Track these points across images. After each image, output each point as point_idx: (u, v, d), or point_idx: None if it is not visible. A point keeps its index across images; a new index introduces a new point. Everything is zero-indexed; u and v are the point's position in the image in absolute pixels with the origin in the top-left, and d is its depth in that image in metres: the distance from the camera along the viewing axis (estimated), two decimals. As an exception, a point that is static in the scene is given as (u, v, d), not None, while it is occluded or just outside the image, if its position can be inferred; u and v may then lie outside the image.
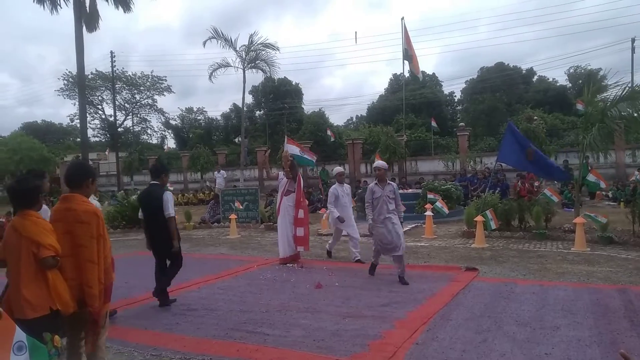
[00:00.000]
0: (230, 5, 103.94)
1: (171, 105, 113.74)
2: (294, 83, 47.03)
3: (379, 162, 7.03)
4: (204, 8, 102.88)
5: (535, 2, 60.05)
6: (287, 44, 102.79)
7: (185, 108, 55.24)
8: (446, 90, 48.54)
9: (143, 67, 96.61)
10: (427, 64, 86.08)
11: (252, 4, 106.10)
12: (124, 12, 23.24)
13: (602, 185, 10.79)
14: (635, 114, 9.45)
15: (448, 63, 74.82)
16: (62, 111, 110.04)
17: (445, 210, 12.14)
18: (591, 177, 10.55)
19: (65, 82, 44.42)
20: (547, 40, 64.46)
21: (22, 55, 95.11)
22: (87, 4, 22.15)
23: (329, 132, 31.31)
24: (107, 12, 60.02)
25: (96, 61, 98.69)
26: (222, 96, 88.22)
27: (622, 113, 9.49)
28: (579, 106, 9.45)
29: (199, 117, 54.59)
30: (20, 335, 2.52)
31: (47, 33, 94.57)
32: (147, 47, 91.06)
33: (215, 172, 23.45)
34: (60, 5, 22.33)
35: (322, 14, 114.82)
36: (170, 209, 5.71)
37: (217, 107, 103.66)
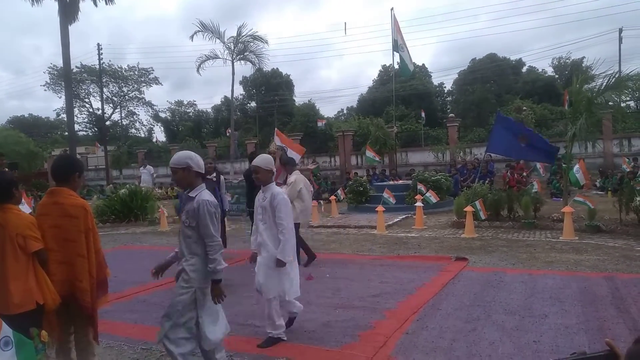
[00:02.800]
0: None
1: (167, 97, 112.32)
2: (284, 74, 46.87)
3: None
4: None
5: None
6: (287, 35, 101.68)
7: (175, 101, 54.85)
8: (441, 80, 48.74)
9: (140, 58, 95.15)
10: (424, 54, 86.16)
11: None
12: (106, 3, 22.89)
13: (580, 180, 10.68)
14: (623, 103, 9.55)
15: (445, 53, 74.93)
16: (54, 105, 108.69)
17: (434, 199, 12.20)
18: (576, 169, 10.56)
19: (51, 75, 43.84)
20: (544, 29, 64.78)
21: (16, 47, 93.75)
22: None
23: (319, 123, 31.36)
24: (91, 4, 59.06)
25: (91, 52, 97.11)
26: (219, 88, 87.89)
27: (610, 103, 9.57)
28: (564, 100, 9.49)
29: (188, 110, 54.24)
30: (6, 330, 2.50)
31: (41, 25, 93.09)
32: (145, 37, 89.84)
33: (141, 168, 19.89)
34: None
35: (325, 5, 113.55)
36: None
37: (213, 99, 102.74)
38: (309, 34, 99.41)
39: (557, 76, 43.57)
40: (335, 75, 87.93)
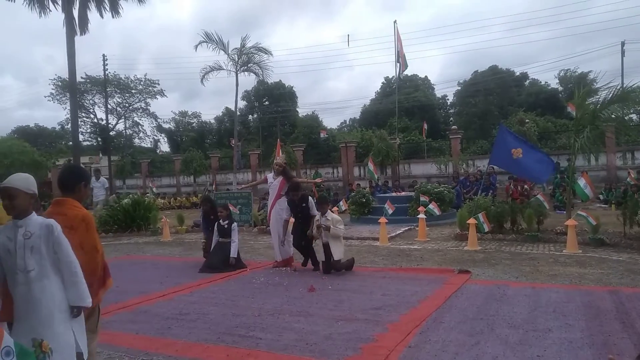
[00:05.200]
0: (244, 7, 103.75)
1: (177, 107, 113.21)
2: (287, 86, 47.14)
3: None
4: (217, 9, 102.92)
5: (547, 3, 60.74)
6: (299, 45, 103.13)
7: (179, 112, 55.24)
8: (444, 92, 49.04)
9: (151, 69, 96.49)
10: (433, 66, 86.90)
11: (267, 6, 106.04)
12: (112, 16, 23.14)
13: (589, 193, 10.43)
14: (626, 117, 9.55)
15: (454, 65, 75.76)
16: (62, 114, 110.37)
17: (437, 211, 12.19)
18: (581, 182, 10.44)
19: (55, 87, 44.19)
20: (553, 41, 65.32)
21: (29, 57, 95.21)
22: (77, 8, 22.04)
23: (322, 134, 31.54)
24: (97, 15, 59.90)
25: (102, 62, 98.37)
26: (227, 98, 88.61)
27: (613, 115, 9.57)
28: (570, 109, 9.55)
29: (192, 121, 54.56)
30: (7, 340, 2.49)
31: (56, 35, 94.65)
32: (158, 48, 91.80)
33: (93, 180, 16.67)
34: (49, 9, 22.22)
35: (338, 17, 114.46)
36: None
37: (220, 110, 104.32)
38: (319, 45, 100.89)
39: (561, 88, 43.66)
40: (343, 86, 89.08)
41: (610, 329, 4.40)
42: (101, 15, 22.96)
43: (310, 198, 8.09)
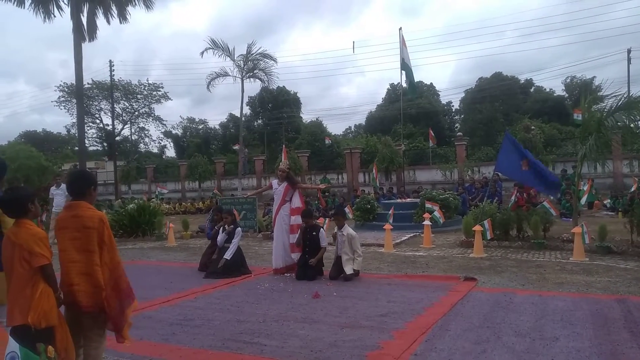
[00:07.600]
0: (260, 13, 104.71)
1: (188, 112, 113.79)
2: (292, 92, 47.29)
3: None
4: (233, 15, 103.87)
5: (564, 8, 60.86)
6: (314, 51, 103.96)
7: (187, 117, 55.56)
8: (451, 99, 49.14)
9: (163, 74, 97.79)
10: (445, 72, 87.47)
11: (283, 12, 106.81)
12: (120, 22, 23.29)
13: (582, 200, 10.50)
14: (632, 124, 9.50)
15: (467, 71, 76.10)
16: (70, 119, 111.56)
17: (442, 219, 12.17)
18: (584, 188, 10.47)
19: (62, 93, 44.47)
20: (566, 47, 65.38)
21: (40, 63, 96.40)
22: (85, 15, 22.22)
23: (327, 141, 31.56)
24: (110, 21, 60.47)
25: (116, 67, 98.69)
26: (236, 104, 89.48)
27: (619, 123, 9.53)
28: (576, 115, 9.54)
29: (200, 127, 54.83)
30: (13, 346, 2.50)
31: (65, 41, 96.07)
32: (173, 53, 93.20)
33: (52, 188, 15.77)
34: (54, 14, 22.41)
35: (354, 23, 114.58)
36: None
37: (225, 116, 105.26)
38: (331, 51, 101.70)
39: (567, 95, 43.56)
40: (354, 92, 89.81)
41: (618, 338, 4.35)
42: (108, 22, 23.11)
43: (322, 229, 7.95)
